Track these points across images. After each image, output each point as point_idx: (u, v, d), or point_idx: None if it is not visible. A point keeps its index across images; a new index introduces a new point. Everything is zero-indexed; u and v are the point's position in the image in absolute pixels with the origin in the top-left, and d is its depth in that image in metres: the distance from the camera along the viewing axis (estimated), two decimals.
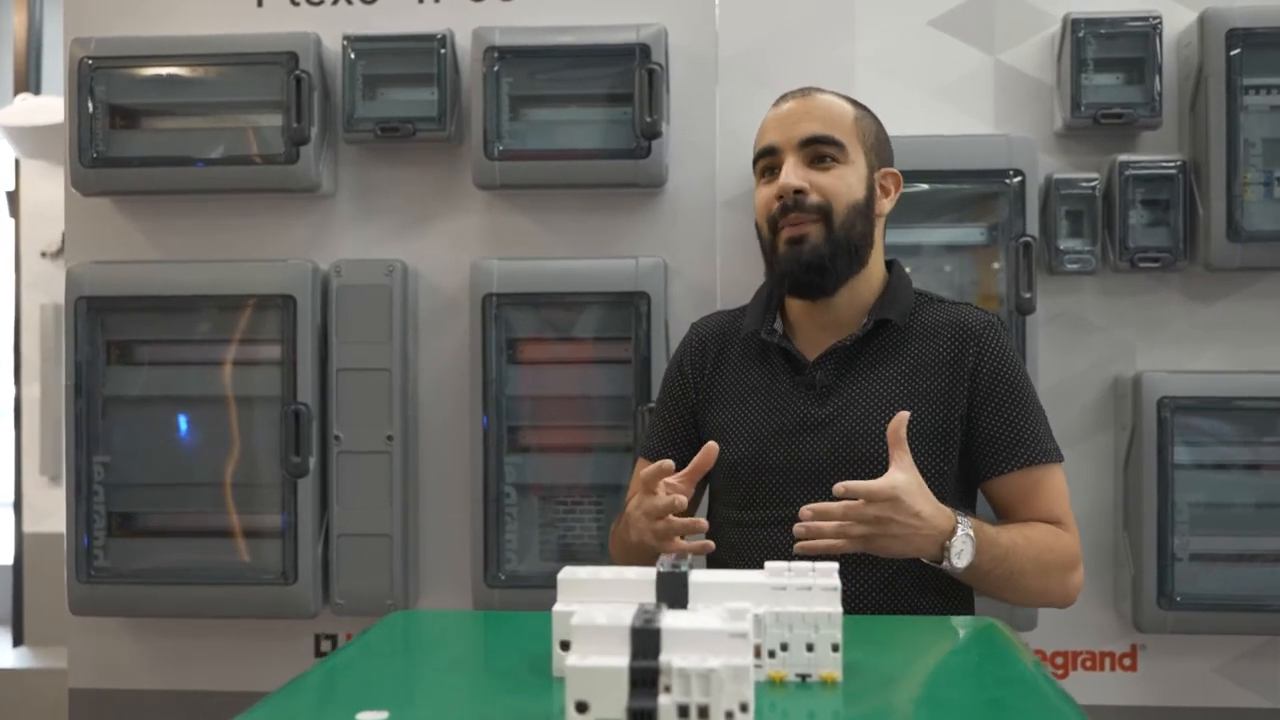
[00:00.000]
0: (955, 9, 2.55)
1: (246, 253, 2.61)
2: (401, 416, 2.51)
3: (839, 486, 1.53)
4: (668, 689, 0.97)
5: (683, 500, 1.56)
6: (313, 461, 2.49)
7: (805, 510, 1.52)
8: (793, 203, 1.78)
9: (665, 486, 1.60)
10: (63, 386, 2.56)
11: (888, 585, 1.70)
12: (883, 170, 1.87)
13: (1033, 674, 1.18)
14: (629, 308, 2.47)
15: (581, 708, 0.97)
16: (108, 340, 2.56)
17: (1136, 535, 2.40)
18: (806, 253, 1.77)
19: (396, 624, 1.43)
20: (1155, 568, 2.37)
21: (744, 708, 0.97)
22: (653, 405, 2.37)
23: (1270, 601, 2.38)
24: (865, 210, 1.81)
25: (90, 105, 2.54)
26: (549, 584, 2.44)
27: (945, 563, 1.57)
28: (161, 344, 2.59)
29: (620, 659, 0.98)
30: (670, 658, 0.97)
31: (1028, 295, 2.38)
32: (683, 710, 0.96)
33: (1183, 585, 2.38)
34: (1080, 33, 2.43)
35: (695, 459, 1.61)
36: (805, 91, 1.89)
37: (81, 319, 2.52)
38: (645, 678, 0.97)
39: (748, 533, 1.82)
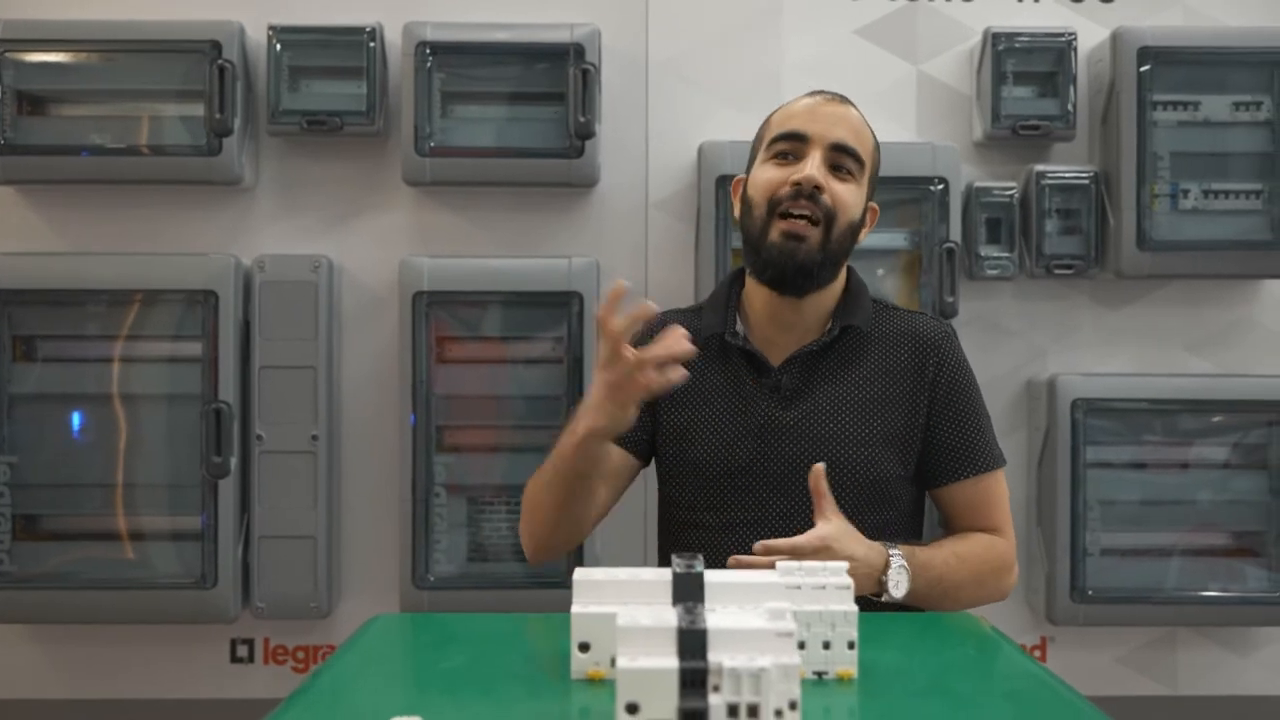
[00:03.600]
0: (880, 20, 2.61)
1: (163, 246, 2.53)
2: (326, 415, 2.47)
3: (759, 545, 1.54)
4: (716, 689, 0.98)
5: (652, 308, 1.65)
6: (234, 461, 2.42)
7: (759, 546, 1.54)
8: (809, 194, 1.77)
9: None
10: None
11: None
12: (870, 203, 1.89)
13: (1035, 668, 1.22)
14: (561, 307, 2.47)
15: (632, 709, 0.97)
16: (14, 335, 2.46)
17: (1050, 531, 2.50)
18: (802, 253, 1.78)
19: (381, 629, 1.40)
20: (1068, 562, 2.47)
21: (793, 705, 0.98)
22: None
23: (1174, 594, 2.51)
24: (855, 231, 1.84)
25: None
26: (478, 585, 2.46)
27: (884, 595, 1.62)
28: (74, 340, 2.49)
29: (669, 660, 0.99)
30: (720, 658, 0.98)
31: (950, 300, 2.46)
32: (732, 709, 0.97)
33: (1093, 579, 2.48)
34: (1000, 46, 2.51)
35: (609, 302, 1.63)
36: (841, 98, 1.86)
37: None
38: (695, 678, 0.98)
39: (713, 536, 1.80)
